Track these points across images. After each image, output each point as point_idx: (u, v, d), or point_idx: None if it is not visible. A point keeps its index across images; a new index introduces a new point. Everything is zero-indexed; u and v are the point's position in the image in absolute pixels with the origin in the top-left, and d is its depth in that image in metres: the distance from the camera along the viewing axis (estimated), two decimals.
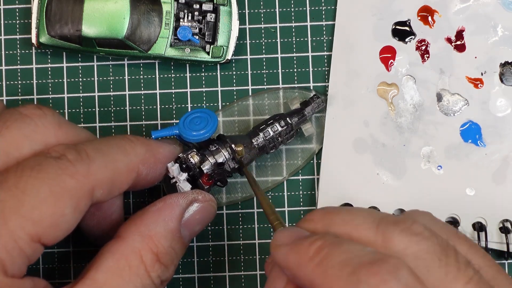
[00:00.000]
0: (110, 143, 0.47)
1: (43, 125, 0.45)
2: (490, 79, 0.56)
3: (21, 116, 0.45)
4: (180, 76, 0.57)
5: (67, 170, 0.43)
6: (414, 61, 0.56)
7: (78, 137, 0.47)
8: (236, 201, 0.56)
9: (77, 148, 0.45)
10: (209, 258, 0.56)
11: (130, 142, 0.47)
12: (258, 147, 0.53)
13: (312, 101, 0.54)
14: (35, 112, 0.46)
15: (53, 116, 0.46)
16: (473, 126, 0.56)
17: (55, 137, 0.46)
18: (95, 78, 0.57)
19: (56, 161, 0.43)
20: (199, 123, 0.51)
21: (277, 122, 0.53)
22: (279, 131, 0.53)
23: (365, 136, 0.56)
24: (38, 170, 0.43)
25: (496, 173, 0.55)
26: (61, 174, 0.43)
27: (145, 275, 0.45)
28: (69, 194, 0.43)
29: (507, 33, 0.56)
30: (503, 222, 0.55)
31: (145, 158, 0.48)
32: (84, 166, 0.44)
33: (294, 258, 0.39)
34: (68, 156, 0.44)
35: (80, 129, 0.48)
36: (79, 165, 0.44)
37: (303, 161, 0.56)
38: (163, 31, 0.55)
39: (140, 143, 0.48)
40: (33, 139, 0.45)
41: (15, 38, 0.57)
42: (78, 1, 0.54)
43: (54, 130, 0.46)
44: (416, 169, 0.55)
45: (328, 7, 0.57)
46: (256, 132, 0.53)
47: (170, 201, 0.48)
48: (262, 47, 0.57)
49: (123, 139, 0.48)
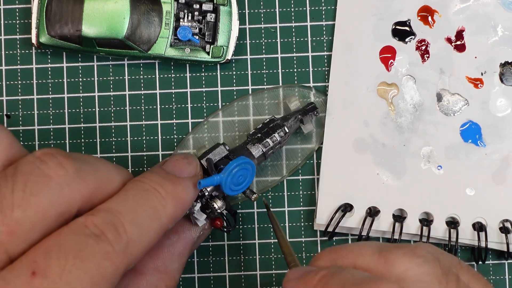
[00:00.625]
0: (144, 206, 0.45)
1: (67, 186, 0.42)
2: (490, 79, 0.56)
3: (45, 178, 0.42)
4: (180, 76, 0.57)
5: (108, 255, 0.41)
6: (414, 61, 0.56)
7: (98, 185, 0.44)
8: (236, 202, 0.56)
9: (115, 222, 0.43)
10: (209, 258, 0.56)
11: (162, 200, 0.45)
12: (258, 157, 0.53)
13: (310, 111, 0.54)
14: (57, 171, 0.42)
15: (76, 172, 0.43)
16: (473, 126, 0.56)
17: (80, 195, 0.43)
18: (95, 78, 0.57)
19: (96, 242, 0.41)
20: (240, 178, 0.50)
21: (277, 133, 0.53)
22: (279, 141, 0.53)
23: (365, 136, 0.56)
24: (81, 258, 0.41)
25: (496, 173, 0.55)
26: (102, 260, 0.41)
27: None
28: (108, 279, 0.42)
29: (507, 33, 0.56)
30: (503, 222, 0.55)
31: (174, 215, 0.46)
32: (123, 247, 0.42)
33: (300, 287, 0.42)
34: (108, 235, 0.42)
35: (99, 170, 0.45)
36: (118, 247, 0.42)
37: (303, 159, 0.56)
38: (163, 31, 0.55)
39: (170, 198, 0.46)
40: (59, 204, 0.42)
41: (15, 38, 0.57)
42: (78, 1, 0.54)
43: (77, 187, 0.43)
44: (416, 169, 0.55)
45: (328, 7, 0.57)
46: (255, 144, 0.53)
47: (184, 235, 0.50)
48: (262, 47, 0.57)
49: (154, 195, 0.45)
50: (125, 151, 0.57)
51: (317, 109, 0.54)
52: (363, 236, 0.55)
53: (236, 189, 0.50)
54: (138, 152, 0.57)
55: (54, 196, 0.42)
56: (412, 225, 0.55)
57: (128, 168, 0.57)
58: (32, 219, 0.41)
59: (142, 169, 0.56)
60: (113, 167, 0.46)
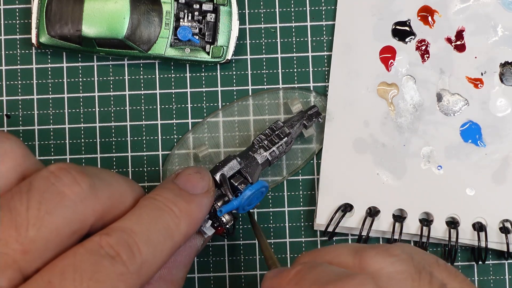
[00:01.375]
0: (158, 226, 0.44)
1: (80, 202, 0.42)
2: (490, 79, 0.56)
3: (60, 196, 0.42)
4: (180, 76, 0.57)
5: (122, 277, 0.41)
6: (414, 61, 0.56)
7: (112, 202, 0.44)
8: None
9: (130, 243, 0.42)
10: (209, 258, 0.56)
11: (175, 218, 0.45)
12: (263, 163, 0.53)
13: (314, 116, 0.55)
14: (72, 188, 0.42)
15: (89, 189, 0.42)
16: (473, 126, 0.56)
17: (93, 212, 0.43)
18: (95, 78, 0.57)
19: (112, 264, 0.41)
20: (254, 200, 0.51)
21: (283, 141, 0.53)
22: (284, 149, 0.53)
23: (365, 136, 0.56)
24: (96, 279, 0.40)
25: (496, 173, 0.55)
26: (117, 281, 0.41)
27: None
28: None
29: (507, 33, 0.56)
30: (503, 222, 0.55)
31: (187, 233, 0.46)
32: (137, 268, 0.42)
33: (276, 283, 0.43)
34: (123, 256, 0.42)
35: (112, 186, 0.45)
36: (132, 268, 0.42)
37: (303, 161, 0.56)
38: (163, 31, 0.55)
39: (184, 217, 0.46)
40: (73, 220, 0.42)
41: (15, 38, 0.57)
42: (78, 1, 0.54)
43: (91, 203, 0.42)
44: (416, 169, 0.55)
45: (328, 7, 0.57)
46: (262, 153, 0.53)
47: (190, 244, 0.50)
48: (262, 47, 0.57)
49: (169, 214, 0.45)
50: (125, 151, 0.57)
51: (321, 115, 0.55)
52: (363, 236, 0.55)
53: (247, 208, 0.51)
54: (138, 152, 0.57)
55: (68, 214, 0.41)
56: (412, 225, 0.55)
57: (128, 168, 0.57)
58: (47, 238, 0.40)
59: (142, 169, 0.56)
60: (126, 183, 0.45)
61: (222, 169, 0.51)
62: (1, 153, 0.42)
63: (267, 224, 0.56)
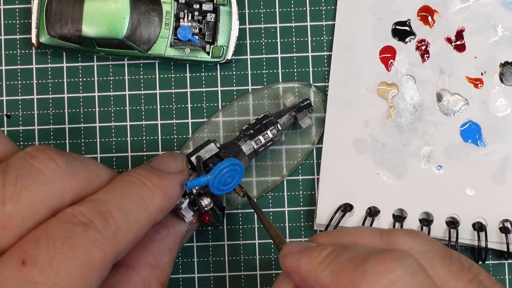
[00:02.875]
0: (131, 197, 0.45)
1: (58, 180, 0.43)
2: (490, 79, 0.56)
3: (36, 173, 0.42)
4: (180, 76, 0.57)
5: (96, 242, 0.42)
6: (414, 61, 0.56)
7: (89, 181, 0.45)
8: (236, 206, 0.56)
9: (103, 211, 0.43)
10: (209, 258, 0.56)
11: (149, 192, 0.46)
12: (249, 154, 0.53)
13: (304, 108, 0.54)
14: (49, 165, 0.43)
15: (66, 167, 0.43)
16: (473, 126, 0.56)
17: (70, 190, 0.44)
18: (95, 78, 0.57)
19: (85, 230, 0.42)
20: (229, 180, 0.50)
21: (269, 130, 0.53)
22: (271, 138, 0.53)
23: (365, 136, 0.56)
24: (69, 246, 0.41)
25: (496, 173, 0.55)
26: (91, 246, 0.41)
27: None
28: (98, 267, 0.42)
29: (507, 33, 0.56)
30: (503, 222, 0.55)
31: (162, 207, 0.47)
32: (112, 235, 0.43)
33: (305, 264, 0.41)
34: (96, 223, 0.42)
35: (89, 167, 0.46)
36: (106, 234, 0.42)
37: (302, 157, 0.56)
38: (163, 31, 0.55)
39: (157, 190, 0.46)
40: (51, 198, 0.43)
41: (15, 38, 0.57)
42: (78, 1, 0.54)
43: (69, 182, 0.43)
44: (416, 169, 0.55)
45: (328, 7, 0.57)
46: (247, 141, 0.53)
47: (173, 229, 0.51)
48: (262, 47, 0.57)
49: (142, 187, 0.46)
50: (125, 151, 0.57)
51: (311, 106, 0.54)
52: None
53: (224, 189, 0.50)
54: (138, 152, 0.57)
55: (45, 190, 0.42)
56: (412, 225, 0.55)
57: (128, 168, 0.57)
58: (23, 213, 0.41)
59: None
60: (102, 165, 0.46)
61: (199, 152, 0.51)
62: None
63: None
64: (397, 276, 0.38)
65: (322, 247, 0.42)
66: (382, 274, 0.38)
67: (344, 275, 0.39)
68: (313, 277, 0.41)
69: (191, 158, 0.51)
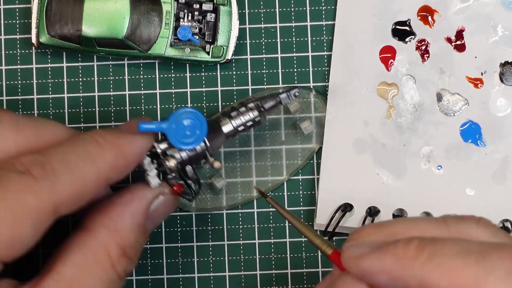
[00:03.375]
0: (78, 151, 0.44)
1: (0, 135, 0.44)
2: (490, 79, 0.56)
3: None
4: (180, 76, 0.57)
5: (30, 188, 0.41)
6: (414, 61, 0.56)
7: (39, 138, 0.45)
8: (236, 205, 0.56)
9: (43, 161, 0.42)
10: (209, 258, 0.56)
11: (98, 147, 0.45)
12: (227, 132, 0.51)
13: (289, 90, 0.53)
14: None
15: (9, 121, 0.44)
16: (473, 126, 0.56)
17: (14, 144, 0.44)
18: (95, 78, 0.57)
19: (19, 176, 0.41)
20: (188, 129, 0.48)
21: (251, 111, 0.51)
22: (252, 118, 0.51)
23: (365, 136, 0.56)
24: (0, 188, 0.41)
25: (496, 173, 0.55)
26: (24, 192, 0.41)
27: (111, 269, 0.45)
28: (30, 214, 0.41)
29: (507, 33, 0.56)
30: (503, 222, 0.55)
31: (114, 164, 0.45)
32: (49, 184, 0.42)
33: (392, 261, 0.38)
34: (33, 172, 0.42)
35: (42, 125, 0.46)
36: (43, 183, 0.42)
37: (303, 160, 0.56)
38: (163, 31, 0.55)
39: (109, 146, 0.45)
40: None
41: (15, 38, 0.57)
42: (78, 1, 0.54)
43: (12, 137, 0.44)
44: (416, 169, 0.55)
45: (328, 7, 0.57)
46: (226, 119, 0.51)
47: (137, 194, 0.48)
48: (262, 47, 0.57)
49: (91, 143, 0.45)
50: None
51: (296, 88, 0.53)
52: None
53: (185, 142, 0.48)
54: None
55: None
56: None
57: None
58: None
59: None
60: (60, 124, 0.46)
61: None
62: None
63: (267, 224, 0.56)
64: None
65: (403, 242, 0.38)
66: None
67: (462, 271, 0.36)
68: (410, 272, 0.37)
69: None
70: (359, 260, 0.39)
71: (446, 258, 0.37)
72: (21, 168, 0.42)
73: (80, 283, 0.44)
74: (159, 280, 0.56)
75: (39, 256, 0.55)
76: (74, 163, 0.43)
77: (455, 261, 0.36)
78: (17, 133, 0.44)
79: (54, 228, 0.44)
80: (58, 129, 0.46)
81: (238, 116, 0.51)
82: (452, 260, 0.36)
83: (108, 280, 0.45)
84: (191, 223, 0.56)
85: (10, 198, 0.41)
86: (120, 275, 0.46)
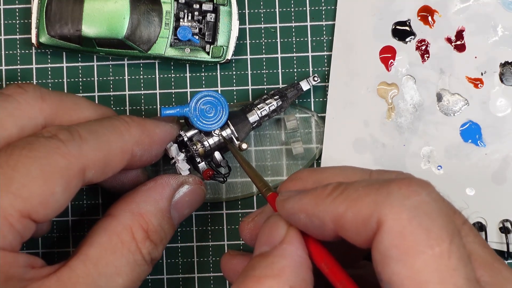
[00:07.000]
0: (104, 124, 0.47)
1: (25, 102, 0.46)
2: (490, 79, 0.56)
3: (2, 96, 0.46)
4: (180, 76, 0.57)
5: (58, 150, 0.43)
6: (414, 61, 0.56)
7: (62, 106, 0.47)
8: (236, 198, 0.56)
9: (70, 129, 0.45)
10: (209, 258, 0.56)
11: (125, 123, 0.48)
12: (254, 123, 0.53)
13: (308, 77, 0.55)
14: (16, 90, 0.46)
15: (34, 91, 0.47)
16: (473, 126, 0.56)
17: (40, 111, 0.46)
18: (95, 78, 0.57)
19: (47, 140, 0.43)
20: (210, 111, 0.51)
21: (274, 99, 0.54)
22: (276, 107, 0.54)
23: (365, 136, 0.56)
24: (29, 149, 0.43)
25: (496, 173, 0.55)
26: (52, 153, 0.43)
27: (137, 251, 0.47)
28: (60, 173, 0.43)
29: (507, 33, 0.56)
30: (503, 222, 0.55)
31: (140, 139, 0.48)
32: (76, 147, 0.44)
33: (311, 200, 0.40)
34: (60, 136, 0.44)
35: (66, 96, 0.49)
36: (70, 145, 0.44)
37: (304, 162, 0.56)
38: (163, 31, 0.55)
39: (135, 124, 0.48)
40: (18, 116, 0.45)
41: (15, 38, 0.57)
42: (78, 1, 0.54)
43: (37, 104, 0.46)
44: (416, 169, 0.55)
45: (328, 7, 0.57)
46: (252, 110, 0.53)
47: (161, 181, 0.50)
48: (262, 47, 0.57)
49: (118, 119, 0.48)
50: None
51: (315, 75, 0.55)
52: None
53: (207, 122, 0.51)
54: None
55: (10, 109, 0.45)
56: None
57: None
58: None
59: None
60: (87, 101, 0.49)
61: None
62: None
63: None
64: (421, 200, 0.38)
65: (322, 185, 0.40)
66: (408, 196, 0.37)
67: (363, 199, 0.38)
68: (322, 208, 0.39)
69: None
70: (285, 202, 0.42)
71: (352, 190, 0.39)
72: (48, 134, 0.44)
73: (106, 263, 0.45)
74: (159, 280, 0.56)
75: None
76: (100, 133, 0.46)
77: (359, 191, 0.38)
78: (42, 101, 0.46)
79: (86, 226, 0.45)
80: (80, 99, 0.49)
81: (263, 106, 0.53)
82: (357, 192, 0.39)
83: (134, 261, 0.46)
84: (191, 223, 0.56)
85: (40, 157, 0.42)
86: (146, 258, 0.47)
